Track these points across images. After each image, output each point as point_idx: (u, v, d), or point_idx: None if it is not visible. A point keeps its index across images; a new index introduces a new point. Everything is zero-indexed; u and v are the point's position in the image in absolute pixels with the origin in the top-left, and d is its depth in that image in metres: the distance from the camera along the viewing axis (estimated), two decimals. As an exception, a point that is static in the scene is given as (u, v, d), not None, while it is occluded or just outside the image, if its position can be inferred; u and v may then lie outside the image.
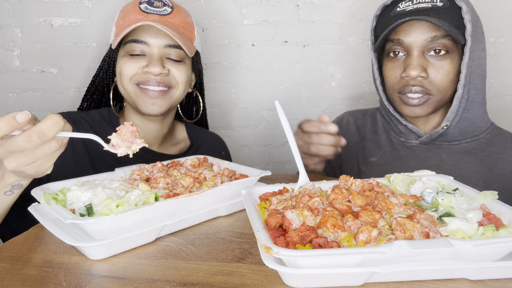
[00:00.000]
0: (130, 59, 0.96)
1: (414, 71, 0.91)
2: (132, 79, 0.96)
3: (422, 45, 0.92)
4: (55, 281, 0.50)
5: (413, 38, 0.92)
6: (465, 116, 0.97)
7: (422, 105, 0.95)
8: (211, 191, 0.67)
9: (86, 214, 0.58)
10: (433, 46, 0.91)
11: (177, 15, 1.01)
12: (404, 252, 0.44)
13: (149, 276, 0.51)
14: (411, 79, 0.94)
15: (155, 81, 0.95)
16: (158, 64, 0.94)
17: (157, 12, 0.97)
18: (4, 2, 1.40)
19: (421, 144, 1.03)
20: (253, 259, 0.55)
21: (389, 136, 1.10)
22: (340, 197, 0.58)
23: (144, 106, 0.96)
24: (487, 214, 0.53)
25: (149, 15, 0.96)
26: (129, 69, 0.95)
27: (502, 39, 1.55)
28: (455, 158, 0.99)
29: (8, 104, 1.46)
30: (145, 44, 0.95)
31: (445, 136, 1.00)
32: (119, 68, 0.98)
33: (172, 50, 0.97)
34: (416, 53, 0.93)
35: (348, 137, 1.17)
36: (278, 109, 0.68)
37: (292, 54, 1.54)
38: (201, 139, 1.18)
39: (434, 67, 0.92)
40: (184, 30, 1.02)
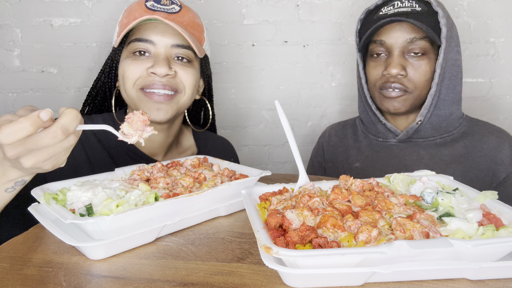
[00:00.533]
0: (134, 60, 0.89)
1: (395, 69, 0.99)
2: (136, 84, 0.89)
3: (402, 45, 1.00)
4: (55, 281, 0.50)
5: (394, 39, 1.01)
6: (436, 113, 1.04)
7: (400, 98, 1.03)
8: (211, 191, 0.67)
9: (86, 214, 0.58)
10: (412, 48, 0.99)
11: (185, 14, 0.94)
12: (404, 252, 0.44)
13: (149, 276, 0.51)
14: (391, 77, 1.02)
15: (161, 83, 0.88)
16: (165, 64, 0.87)
17: (165, 10, 0.90)
18: (4, 2, 1.40)
19: (399, 143, 1.10)
20: (253, 259, 0.55)
21: (369, 140, 1.16)
22: (340, 197, 0.58)
23: (148, 112, 0.88)
24: (487, 214, 0.53)
25: (156, 13, 0.89)
26: (133, 71, 0.88)
27: (502, 39, 1.55)
28: (431, 152, 1.05)
29: (8, 104, 1.46)
30: (150, 43, 0.89)
31: (420, 132, 1.06)
32: (121, 71, 0.91)
33: (180, 50, 0.91)
34: (396, 53, 1.01)
35: (332, 150, 1.24)
36: (278, 109, 0.68)
37: (292, 54, 1.54)
38: (209, 145, 1.11)
39: (413, 66, 1.00)
40: (194, 30, 0.95)
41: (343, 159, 1.19)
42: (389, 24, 1.02)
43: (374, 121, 1.13)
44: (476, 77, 1.57)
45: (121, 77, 0.91)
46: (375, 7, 1.08)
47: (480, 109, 1.59)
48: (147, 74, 0.88)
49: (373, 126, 1.15)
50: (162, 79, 0.88)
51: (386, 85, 1.03)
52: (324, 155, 1.26)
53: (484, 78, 1.58)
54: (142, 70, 0.88)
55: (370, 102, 1.11)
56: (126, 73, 0.89)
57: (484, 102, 1.60)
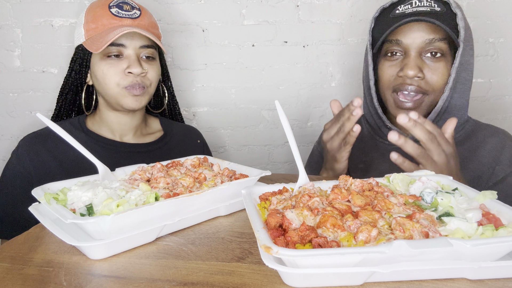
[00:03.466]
0: (110, 63, 1.02)
1: (412, 71, 0.94)
2: (119, 84, 1.03)
3: (420, 46, 0.95)
4: (55, 280, 0.51)
5: (411, 39, 0.96)
6: (446, 118, 0.99)
7: (416, 105, 0.98)
8: (211, 191, 0.67)
9: (86, 214, 0.59)
10: (430, 48, 0.95)
11: (145, 17, 1.09)
12: (404, 252, 0.44)
13: (150, 276, 0.51)
14: (407, 79, 0.96)
15: (137, 83, 1.04)
16: (138, 65, 1.02)
17: (129, 16, 1.05)
18: (4, 2, 1.40)
19: None
20: (253, 258, 0.56)
21: (374, 141, 1.13)
22: (339, 197, 0.58)
23: (129, 103, 1.05)
24: (486, 213, 0.54)
25: (123, 20, 1.04)
26: (113, 73, 1.02)
27: (502, 39, 1.55)
28: None
29: (8, 104, 1.46)
30: (122, 47, 1.02)
31: None
32: (100, 72, 1.03)
33: (146, 50, 1.06)
34: (413, 54, 0.96)
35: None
36: (278, 109, 0.68)
37: (292, 54, 1.54)
38: (175, 130, 1.26)
39: (430, 69, 0.96)
40: (154, 30, 1.11)
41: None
42: (407, 24, 0.97)
43: (379, 124, 1.10)
44: (475, 77, 1.58)
45: (101, 78, 1.04)
46: (391, 4, 1.04)
47: (479, 109, 1.60)
48: (124, 74, 1.03)
49: (379, 129, 1.12)
50: (137, 78, 1.04)
51: (401, 87, 0.99)
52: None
53: (483, 78, 1.58)
54: (120, 71, 1.03)
55: (377, 105, 1.07)
56: (107, 75, 1.03)
57: (484, 102, 1.60)
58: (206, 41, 1.51)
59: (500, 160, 0.99)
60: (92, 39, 1.03)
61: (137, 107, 1.07)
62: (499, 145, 1.00)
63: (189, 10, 1.49)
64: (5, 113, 1.47)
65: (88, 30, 1.04)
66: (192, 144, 1.27)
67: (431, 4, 0.96)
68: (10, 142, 1.47)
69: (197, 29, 1.50)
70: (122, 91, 1.04)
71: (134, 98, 1.05)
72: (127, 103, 1.05)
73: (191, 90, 1.56)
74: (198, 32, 1.51)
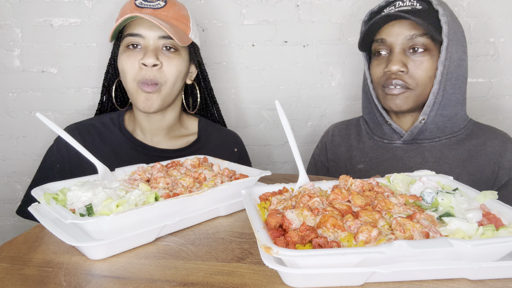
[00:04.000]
0: (128, 54, 1.00)
1: (395, 66, 1.00)
2: (136, 79, 1.00)
3: (402, 43, 1.01)
4: (55, 281, 0.51)
5: (394, 36, 1.02)
6: (441, 113, 1.03)
7: (402, 96, 1.03)
8: (211, 191, 0.67)
9: (86, 214, 0.58)
10: (412, 44, 1.00)
11: (170, 8, 1.05)
12: (404, 252, 0.44)
13: (149, 276, 0.51)
14: (392, 74, 1.02)
15: (149, 79, 0.99)
16: (152, 55, 0.98)
17: (151, 6, 1.02)
18: (4, 2, 1.40)
19: (404, 144, 1.09)
20: (253, 259, 0.55)
21: (373, 141, 1.15)
22: (340, 197, 0.58)
23: (140, 103, 1.01)
24: (486, 214, 0.53)
25: (143, 9, 1.01)
26: (129, 65, 0.99)
27: (502, 39, 1.55)
28: (436, 155, 1.05)
29: (8, 104, 1.46)
30: (140, 37, 0.99)
31: (425, 133, 1.06)
32: (121, 65, 1.02)
33: (167, 41, 1.01)
34: (397, 50, 1.02)
35: (335, 149, 1.24)
36: (278, 109, 0.68)
37: (292, 54, 1.54)
38: (212, 134, 1.19)
39: (414, 63, 1.01)
40: (178, 22, 1.05)
41: (346, 159, 1.19)
42: (390, 23, 1.03)
43: (381, 121, 1.13)
44: (475, 77, 1.58)
45: (121, 71, 1.02)
46: (378, 8, 1.09)
47: (480, 109, 1.60)
48: (139, 67, 0.99)
49: (378, 127, 1.15)
50: (150, 72, 0.99)
51: (387, 82, 1.03)
52: (327, 155, 1.26)
53: (484, 78, 1.58)
54: (136, 63, 0.99)
55: (376, 102, 1.11)
56: (124, 68, 1.00)
57: (484, 102, 1.60)
58: (206, 41, 1.51)
59: (502, 163, 1.00)
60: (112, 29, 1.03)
61: (149, 109, 1.01)
62: (500, 149, 1.01)
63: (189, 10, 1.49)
64: (4, 113, 1.47)
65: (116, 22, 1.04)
66: (227, 153, 1.17)
67: (413, 4, 1.02)
68: (9, 142, 1.47)
69: (197, 29, 1.50)
70: (136, 87, 1.00)
71: (145, 96, 1.00)
72: (139, 102, 1.00)
73: (191, 90, 1.56)
74: (198, 27, 1.50)
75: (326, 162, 1.26)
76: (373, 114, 1.16)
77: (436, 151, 1.05)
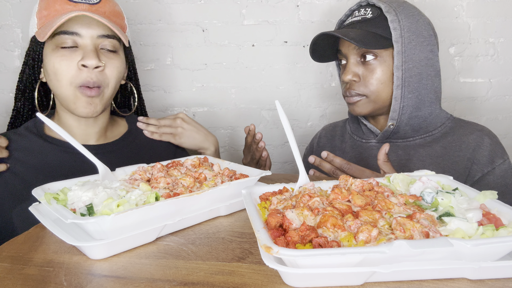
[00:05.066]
0: (63, 55, 0.89)
1: (347, 76, 1.05)
2: (72, 82, 0.90)
3: (353, 53, 1.04)
4: (56, 280, 0.51)
5: (345, 47, 1.07)
6: (416, 115, 1.04)
7: (359, 103, 1.07)
8: (211, 191, 0.67)
9: (86, 213, 0.59)
10: (362, 52, 1.03)
11: (106, 4, 0.96)
12: (404, 252, 0.44)
13: (150, 276, 0.51)
14: (345, 83, 1.07)
15: (92, 81, 0.90)
16: (94, 56, 0.89)
17: (86, 1, 0.91)
18: (4, 2, 1.40)
19: (378, 143, 1.12)
20: (253, 258, 0.56)
21: (353, 140, 1.19)
22: (340, 197, 0.58)
23: (81, 108, 0.92)
24: (486, 213, 0.54)
25: (78, 5, 0.90)
26: (65, 67, 0.89)
27: (502, 39, 1.55)
28: (409, 153, 1.06)
29: (8, 104, 1.46)
30: (77, 36, 0.89)
31: (398, 133, 1.08)
32: (51, 66, 0.90)
33: (107, 40, 0.93)
34: (351, 60, 1.05)
35: (320, 150, 1.27)
36: (278, 109, 0.68)
37: (292, 54, 1.54)
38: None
39: (366, 71, 1.04)
40: (116, 18, 0.97)
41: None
42: None
43: (359, 122, 1.18)
44: (475, 77, 1.58)
45: (52, 73, 0.91)
46: (345, 17, 1.12)
47: (479, 109, 1.60)
48: (78, 68, 0.89)
49: (357, 127, 1.19)
50: (92, 75, 0.90)
51: (346, 92, 1.08)
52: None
53: (483, 78, 1.58)
54: (73, 65, 0.89)
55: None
56: (58, 70, 0.89)
57: (484, 102, 1.60)
58: (206, 41, 1.51)
59: (476, 159, 0.99)
60: (43, 27, 0.90)
61: (91, 114, 0.93)
62: (475, 144, 1.01)
63: (189, 10, 1.49)
64: (4, 112, 1.47)
65: (41, 18, 0.91)
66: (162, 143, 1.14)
67: (365, 13, 1.04)
68: (10, 142, 1.47)
69: (197, 29, 1.50)
70: (75, 91, 0.90)
71: (87, 100, 0.91)
72: (79, 108, 0.92)
73: (191, 90, 1.56)
74: (198, 32, 1.51)
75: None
76: (351, 114, 1.20)
77: (409, 149, 1.06)
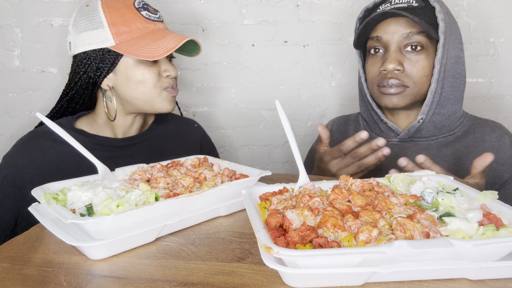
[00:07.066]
0: (148, 65, 1.01)
1: (391, 64, 0.99)
2: (156, 85, 1.03)
3: (398, 41, 0.99)
4: (55, 281, 0.51)
5: (390, 34, 1.00)
6: (439, 111, 1.02)
7: (399, 95, 1.02)
8: (211, 191, 0.67)
9: (86, 214, 0.58)
10: (409, 42, 0.99)
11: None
12: (405, 252, 0.44)
13: (150, 276, 0.51)
14: (388, 72, 1.01)
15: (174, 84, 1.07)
16: (174, 67, 1.06)
17: (157, 19, 1.04)
18: (4, 2, 1.40)
19: (400, 142, 1.09)
20: (253, 259, 0.55)
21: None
22: (340, 197, 0.58)
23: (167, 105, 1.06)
24: (487, 214, 0.53)
25: (157, 23, 1.03)
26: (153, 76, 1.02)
27: (502, 39, 1.55)
28: (433, 153, 1.03)
29: (8, 104, 1.46)
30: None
31: (422, 132, 1.05)
32: (140, 76, 1.01)
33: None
34: (393, 49, 1.00)
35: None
36: (278, 109, 0.68)
37: (292, 54, 1.54)
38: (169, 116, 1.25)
39: (410, 61, 0.99)
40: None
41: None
42: (385, 20, 1.02)
43: (376, 120, 1.13)
44: (476, 77, 1.58)
45: (138, 81, 1.02)
46: (374, 5, 1.08)
47: (480, 109, 1.60)
48: (162, 77, 1.04)
49: (375, 125, 1.14)
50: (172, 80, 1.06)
51: (383, 82, 1.02)
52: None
53: (484, 78, 1.58)
54: (157, 74, 1.02)
55: (370, 100, 1.10)
56: (148, 79, 1.02)
57: (484, 102, 1.60)
58: (206, 41, 1.51)
59: (501, 158, 0.98)
60: (128, 43, 0.98)
61: (173, 108, 1.09)
62: (498, 143, 1.00)
63: (189, 10, 1.49)
64: (4, 113, 1.47)
65: (119, 34, 0.98)
66: (189, 128, 1.26)
67: (409, 1, 1.00)
68: (9, 141, 1.47)
69: (197, 28, 1.50)
70: (162, 93, 1.04)
71: (172, 99, 1.07)
72: (165, 105, 1.05)
73: (191, 90, 1.56)
74: (198, 32, 1.50)
75: None
76: (368, 112, 1.15)
77: (433, 149, 1.04)
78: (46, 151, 0.99)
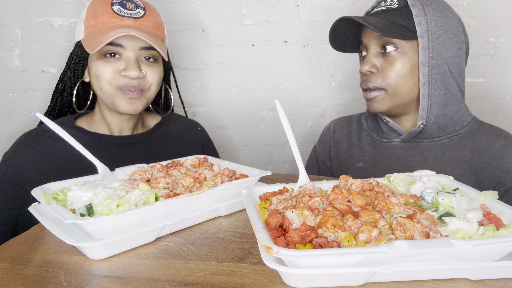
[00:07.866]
0: (106, 62, 0.98)
1: (365, 66, 1.01)
2: (112, 83, 0.99)
3: (375, 43, 1.01)
4: (55, 281, 0.51)
5: (366, 38, 1.03)
6: (444, 113, 1.01)
7: (376, 98, 1.03)
8: (211, 191, 0.67)
9: (86, 214, 0.58)
10: (382, 44, 0.99)
11: (149, 17, 1.03)
12: (405, 252, 0.44)
13: (150, 276, 0.51)
14: (364, 75, 1.03)
15: (132, 86, 0.99)
16: (136, 68, 0.97)
17: (131, 15, 0.99)
18: (4, 2, 1.40)
19: (402, 143, 1.07)
20: (253, 259, 0.55)
21: (372, 139, 1.14)
22: (340, 197, 0.58)
23: (122, 106, 1.00)
24: (487, 214, 0.53)
25: (124, 19, 0.98)
26: (107, 72, 0.98)
27: (503, 39, 1.55)
28: (436, 155, 1.02)
29: (8, 104, 1.46)
30: (120, 47, 0.97)
31: (425, 133, 1.04)
32: (94, 71, 0.99)
33: (148, 52, 1.01)
34: (371, 51, 1.02)
35: (336, 146, 1.22)
36: (278, 109, 0.68)
37: (292, 54, 1.54)
38: (173, 117, 1.24)
39: (385, 63, 1.00)
40: (157, 31, 1.06)
41: (346, 157, 1.17)
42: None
43: (378, 120, 1.12)
44: (476, 77, 1.58)
45: (95, 76, 1.00)
46: (371, 8, 1.08)
47: (480, 109, 1.60)
48: (120, 76, 0.98)
49: (376, 125, 1.13)
50: (133, 81, 0.99)
51: (362, 85, 1.04)
52: (330, 153, 1.23)
53: (484, 78, 1.58)
54: (115, 72, 0.98)
55: None
56: (100, 74, 0.99)
57: (484, 102, 1.60)
58: (206, 41, 1.51)
59: (506, 166, 0.96)
60: (90, 36, 0.98)
61: (132, 112, 1.02)
62: (503, 151, 0.98)
63: (189, 10, 1.49)
64: (4, 113, 1.47)
65: (88, 27, 0.99)
66: (192, 131, 1.25)
67: (391, 3, 1.00)
68: (9, 141, 1.47)
69: (197, 28, 1.50)
70: (115, 91, 0.99)
71: (129, 101, 1.00)
72: (121, 105, 1.00)
73: (191, 90, 1.56)
74: (198, 32, 1.50)
75: (329, 160, 1.24)
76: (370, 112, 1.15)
77: (436, 150, 1.03)
78: (45, 149, 0.99)
